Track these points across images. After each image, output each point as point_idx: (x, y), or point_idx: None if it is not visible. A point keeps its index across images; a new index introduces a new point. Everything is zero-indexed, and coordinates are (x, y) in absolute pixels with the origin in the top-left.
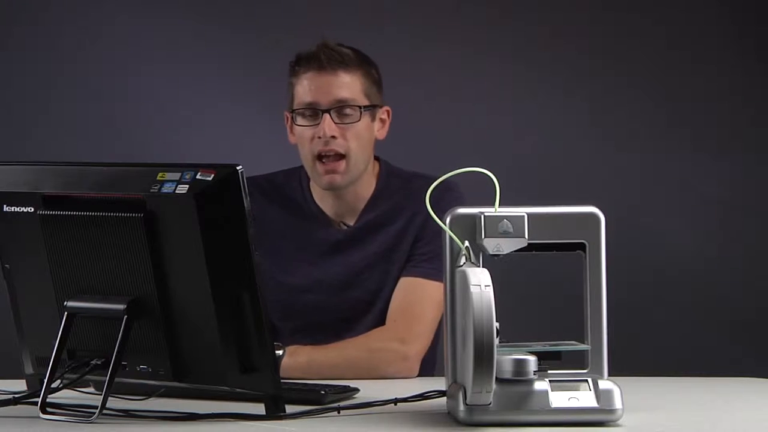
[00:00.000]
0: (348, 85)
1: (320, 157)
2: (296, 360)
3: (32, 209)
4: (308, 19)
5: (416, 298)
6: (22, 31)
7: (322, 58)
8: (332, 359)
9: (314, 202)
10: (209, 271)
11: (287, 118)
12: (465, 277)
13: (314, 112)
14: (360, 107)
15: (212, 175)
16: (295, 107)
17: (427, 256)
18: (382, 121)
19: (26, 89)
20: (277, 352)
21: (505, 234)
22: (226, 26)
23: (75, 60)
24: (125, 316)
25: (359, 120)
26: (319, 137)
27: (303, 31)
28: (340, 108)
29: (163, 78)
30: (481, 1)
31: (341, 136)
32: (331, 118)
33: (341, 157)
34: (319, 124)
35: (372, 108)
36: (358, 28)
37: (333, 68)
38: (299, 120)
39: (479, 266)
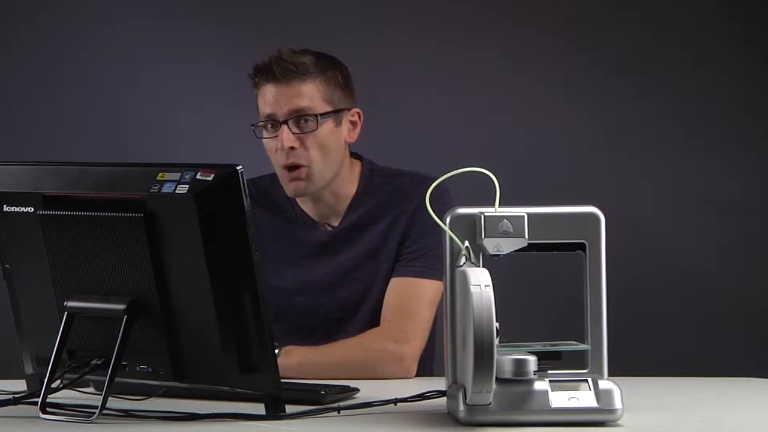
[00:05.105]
0: (304, 93)
1: (284, 168)
2: (291, 360)
3: (32, 209)
4: (309, 19)
5: (409, 298)
6: (22, 31)
7: (275, 70)
8: (327, 360)
9: (299, 205)
10: (209, 271)
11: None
12: (465, 277)
13: (274, 123)
14: (317, 116)
15: (212, 175)
16: (259, 119)
17: (416, 255)
18: (353, 123)
19: (26, 89)
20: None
21: (505, 234)
22: (226, 26)
23: (75, 60)
24: (125, 316)
25: (318, 129)
26: (281, 149)
27: (303, 31)
28: (297, 118)
29: (162, 78)
30: (481, 1)
31: (301, 146)
32: (289, 129)
33: (303, 166)
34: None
35: (335, 113)
36: (357, 29)
37: (287, 79)
38: (264, 132)
39: (479, 266)
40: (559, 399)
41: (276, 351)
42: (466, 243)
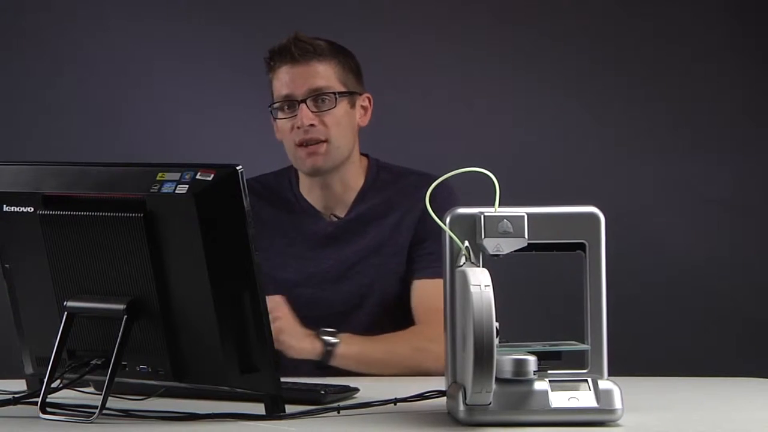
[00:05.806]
0: (322, 73)
1: (301, 144)
2: (351, 349)
3: (32, 209)
4: (309, 19)
5: (439, 299)
6: (22, 31)
7: (294, 51)
8: (381, 353)
9: (304, 197)
10: (209, 271)
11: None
12: (465, 277)
13: (291, 103)
14: (335, 93)
15: (212, 175)
16: (273, 101)
17: (436, 255)
18: (364, 108)
19: (26, 89)
20: (332, 339)
21: (505, 234)
22: (226, 26)
23: (75, 60)
24: (125, 316)
25: (335, 106)
26: (298, 127)
27: (303, 30)
28: (315, 96)
29: (162, 78)
30: (481, 2)
31: (320, 123)
32: (308, 107)
33: (322, 142)
34: (297, 114)
35: (350, 95)
36: (358, 28)
37: (306, 59)
38: (279, 114)
39: (479, 266)
40: (559, 399)
41: (336, 339)
42: (466, 243)
